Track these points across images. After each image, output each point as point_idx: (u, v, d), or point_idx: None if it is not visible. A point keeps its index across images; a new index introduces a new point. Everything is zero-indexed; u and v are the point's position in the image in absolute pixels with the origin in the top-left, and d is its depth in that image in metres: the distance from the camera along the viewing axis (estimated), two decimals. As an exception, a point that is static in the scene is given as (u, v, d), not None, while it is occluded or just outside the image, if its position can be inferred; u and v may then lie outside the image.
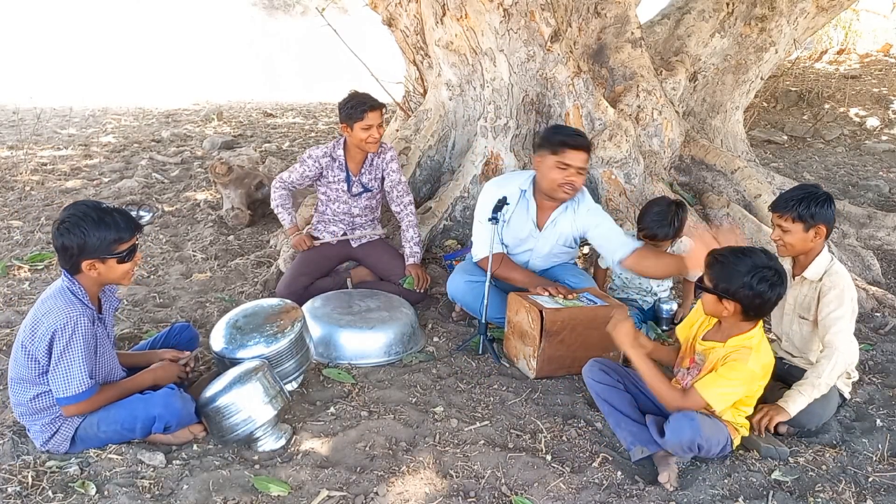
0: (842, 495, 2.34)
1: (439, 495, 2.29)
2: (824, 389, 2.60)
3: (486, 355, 3.28)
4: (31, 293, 3.85)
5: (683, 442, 2.31)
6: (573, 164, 3.17)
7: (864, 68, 9.70)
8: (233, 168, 5.08)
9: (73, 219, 2.32)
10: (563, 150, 3.16)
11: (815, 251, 2.74)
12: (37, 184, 5.91)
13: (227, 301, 3.79)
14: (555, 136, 3.25)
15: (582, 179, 3.26)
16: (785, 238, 2.72)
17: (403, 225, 3.87)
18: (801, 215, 2.66)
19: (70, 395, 2.34)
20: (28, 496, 2.23)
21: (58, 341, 2.30)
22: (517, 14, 4.08)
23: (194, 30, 17.33)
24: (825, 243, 2.77)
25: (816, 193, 2.69)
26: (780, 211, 2.71)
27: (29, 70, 13.39)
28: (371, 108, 3.58)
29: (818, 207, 2.66)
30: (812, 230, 2.68)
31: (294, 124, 9.07)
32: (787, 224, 2.69)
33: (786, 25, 5.44)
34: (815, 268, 2.74)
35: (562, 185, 3.20)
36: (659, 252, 3.28)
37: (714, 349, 2.42)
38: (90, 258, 2.34)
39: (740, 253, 2.34)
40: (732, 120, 5.66)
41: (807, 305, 2.79)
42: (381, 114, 3.64)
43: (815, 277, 2.74)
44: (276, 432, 2.55)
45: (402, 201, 3.85)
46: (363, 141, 3.63)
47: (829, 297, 2.67)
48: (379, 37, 6.77)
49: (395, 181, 3.82)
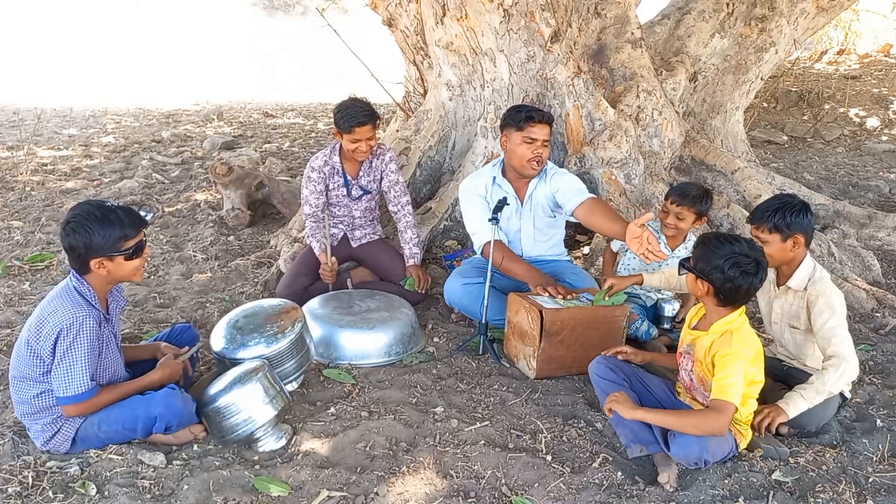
0: (842, 496, 2.34)
1: (439, 495, 2.29)
2: (826, 396, 2.60)
3: (486, 355, 3.28)
4: (32, 293, 3.85)
5: (690, 458, 2.33)
6: (538, 137, 3.33)
7: (864, 68, 9.70)
8: (233, 168, 5.09)
9: (78, 219, 2.34)
10: (528, 124, 3.33)
11: (797, 260, 2.72)
12: (37, 184, 5.91)
13: (228, 301, 3.80)
14: (518, 113, 3.39)
15: (547, 152, 3.43)
16: (765, 249, 2.65)
17: (401, 226, 3.86)
18: (778, 226, 2.63)
19: (70, 395, 2.35)
20: (28, 496, 2.24)
21: (62, 340, 2.31)
22: (517, 14, 4.08)
23: (194, 30, 17.34)
24: (807, 251, 2.75)
25: (791, 203, 2.66)
26: (757, 223, 2.69)
27: (29, 70, 13.40)
28: (360, 123, 3.54)
29: (794, 217, 2.63)
30: (790, 240, 2.65)
31: (294, 124, 9.08)
32: (765, 235, 2.66)
33: (786, 26, 5.44)
34: (799, 277, 2.72)
35: (530, 160, 3.36)
36: (611, 210, 3.27)
37: (700, 338, 2.45)
38: (98, 256, 2.36)
39: (724, 238, 2.38)
40: (732, 120, 5.67)
41: (795, 314, 2.77)
42: (374, 126, 3.60)
43: (799, 287, 2.72)
44: (277, 432, 2.56)
45: (399, 201, 3.84)
46: (351, 151, 3.64)
47: (819, 306, 2.65)
48: (379, 37, 6.77)
49: (394, 181, 3.82)
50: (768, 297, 2.89)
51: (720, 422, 2.28)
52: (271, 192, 5.22)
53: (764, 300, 2.93)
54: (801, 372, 2.81)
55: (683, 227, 3.43)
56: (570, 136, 4.33)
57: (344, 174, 3.77)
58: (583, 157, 4.31)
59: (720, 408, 2.28)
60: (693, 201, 3.36)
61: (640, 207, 4.37)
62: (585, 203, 3.26)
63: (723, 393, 2.29)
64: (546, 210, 3.52)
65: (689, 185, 3.47)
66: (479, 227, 3.46)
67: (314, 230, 3.78)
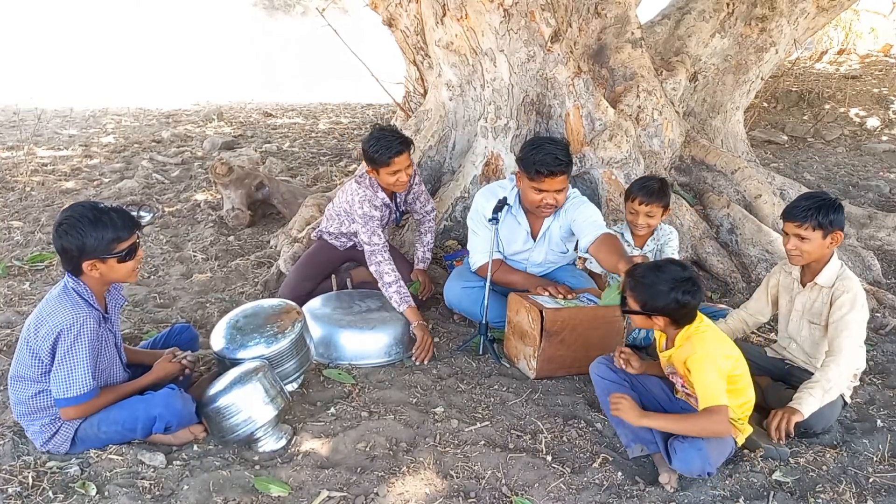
0: (842, 496, 2.34)
1: (439, 496, 2.29)
2: (835, 393, 2.59)
3: (486, 355, 3.28)
4: (32, 293, 3.85)
5: (693, 470, 2.33)
6: (549, 190, 3.16)
7: (864, 68, 9.70)
8: (233, 168, 5.09)
9: (71, 220, 2.32)
10: (539, 178, 3.13)
11: (827, 257, 2.72)
12: (37, 184, 5.91)
13: (228, 301, 3.79)
14: (531, 163, 3.14)
15: (562, 196, 3.24)
16: (803, 247, 2.66)
17: (423, 228, 3.84)
18: (821, 223, 2.62)
19: (70, 397, 2.34)
20: (28, 496, 2.23)
21: (62, 341, 2.30)
22: (517, 14, 4.08)
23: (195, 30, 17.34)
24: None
25: (831, 200, 2.66)
26: (799, 220, 2.65)
27: (30, 71, 13.40)
28: (398, 153, 3.33)
29: (835, 214, 2.64)
30: (829, 237, 2.65)
31: (294, 124, 9.07)
32: (807, 233, 2.64)
33: (786, 26, 5.44)
34: (828, 273, 2.72)
35: (540, 206, 3.22)
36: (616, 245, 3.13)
37: (672, 355, 2.47)
38: (90, 259, 2.34)
39: (657, 269, 2.38)
40: (733, 120, 5.66)
41: (818, 311, 2.76)
42: (409, 154, 3.40)
43: (828, 283, 2.72)
44: (277, 433, 2.56)
45: (424, 209, 3.84)
46: (391, 185, 3.45)
47: (842, 300, 2.66)
48: (379, 37, 6.77)
49: (419, 192, 3.79)
50: (790, 294, 2.88)
51: (720, 424, 2.28)
52: (271, 192, 5.22)
53: (785, 298, 2.91)
54: (803, 371, 2.81)
55: (654, 223, 3.44)
56: (571, 136, 4.32)
57: (396, 207, 3.68)
58: (583, 157, 4.31)
59: (714, 412, 2.28)
60: (660, 196, 3.36)
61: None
62: (599, 238, 3.13)
63: (708, 399, 2.29)
64: (560, 244, 3.43)
65: (647, 181, 3.42)
66: (479, 248, 3.39)
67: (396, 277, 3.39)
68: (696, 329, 2.40)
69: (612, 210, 4.26)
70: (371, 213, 3.47)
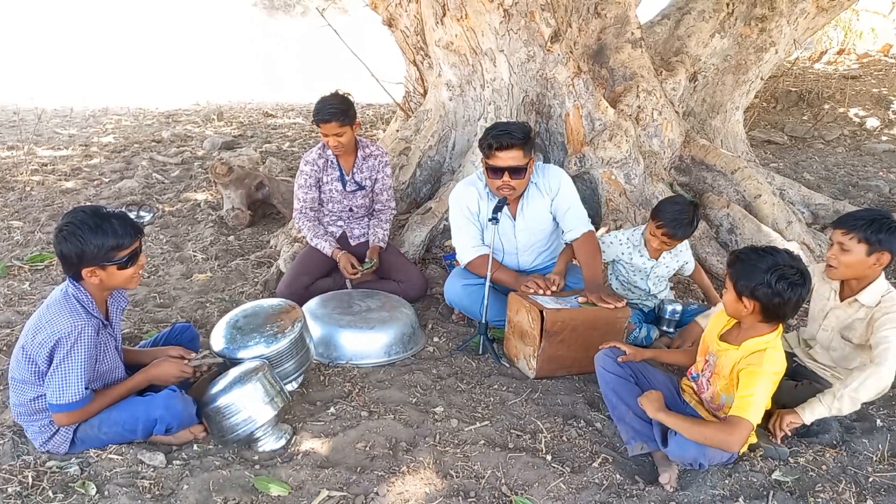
0: (842, 495, 2.34)
1: (439, 495, 2.29)
2: (847, 405, 2.53)
3: (486, 355, 3.28)
4: (32, 293, 3.85)
5: (686, 458, 2.32)
6: (503, 165, 3.08)
7: (863, 68, 9.70)
8: (233, 168, 5.09)
9: (71, 226, 2.28)
10: (491, 151, 3.09)
11: (871, 277, 2.62)
12: (37, 184, 5.91)
13: (228, 301, 3.80)
14: (484, 139, 3.11)
15: (520, 182, 3.14)
16: (842, 258, 2.58)
17: (383, 217, 3.92)
18: (868, 238, 2.51)
19: (62, 403, 2.32)
20: (28, 496, 2.24)
21: (60, 349, 2.28)
22: (517, 14, 4.08)
23: (195, 30, 17.35)
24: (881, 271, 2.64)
25: (889, 218, 2.54)
26: (846, 228, 2.56)
27: (30, 70, 13.39)
28: (323, 121, 3.54)
29: (887, 233, 2.51)
30: (875, 255, 2.54)
31: (294, 124, 9.07)
32: (850, 243, 2.55)
33: (786, 26, 5.44)
34: (872, 293, 2.62)
35: (499, 188, 3.19)
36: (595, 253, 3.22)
37: (727, 351, 2.38)
38: (90, 266, 2.30)
39: (762, 251, 2.26)
40: (732, 120, 5.67)
41: (853, 327, 2.68)
42: (340, 124, 3.55)
43: (871, 303, 2.61)
44: (277, 432, 2.56)
45: (387, 205, 3.96)
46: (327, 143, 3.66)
47: (883, 319, 2.55)
48: (379, 37, 6.77)
49: (386, 186, 3.91)
50: (823, 304, 2.80)
51: (738, 440, 2.22)
52: (271, 192, 5.22)
53: (817, 307, 2.84)
54: (810, 371, 2.81)
55: (668, 248, 3.39)
56: (570, 136, 4.33)
57: (339, 167, 3.78)
58: (583, 157, 4.31)
59: (738, 424, 2.20)
60: (686, 233, 3.27)
61: (640, 207, 4.37)
62: (580, 239, 3.23)
63: (744, 410, 2.21)
64: (542, 221, 3.39)
65: (679, 214, 3.20)
66: (464, 243, 3.38)
67: (315, 231, 3.78)
68: (775, 346, 2.30)
69: (611, 210, 4.27)
70: (303, 167, 3.74)
